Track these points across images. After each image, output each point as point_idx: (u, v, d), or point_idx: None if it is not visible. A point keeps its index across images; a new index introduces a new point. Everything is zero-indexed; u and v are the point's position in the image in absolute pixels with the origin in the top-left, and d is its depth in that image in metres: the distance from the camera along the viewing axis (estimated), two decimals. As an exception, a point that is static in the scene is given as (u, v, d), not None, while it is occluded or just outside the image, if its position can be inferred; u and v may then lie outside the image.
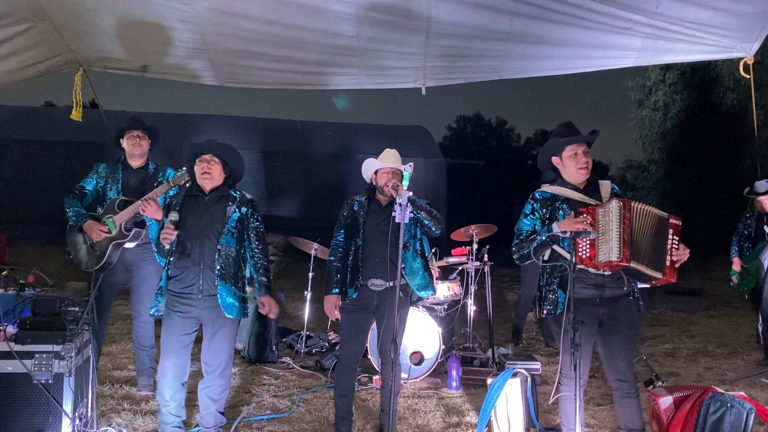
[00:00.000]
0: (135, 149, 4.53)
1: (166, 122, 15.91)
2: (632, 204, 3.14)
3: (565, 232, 3.15)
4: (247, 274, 3.77)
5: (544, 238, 3.25)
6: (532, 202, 3.43)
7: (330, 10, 4.89)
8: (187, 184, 4.00)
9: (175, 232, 3.48)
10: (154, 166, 4.66)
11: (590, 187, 3.38)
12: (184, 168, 4.05)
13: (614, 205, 3.12)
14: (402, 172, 3.90)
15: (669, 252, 3.12)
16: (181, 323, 3.56)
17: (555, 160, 3.43)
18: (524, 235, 3.40)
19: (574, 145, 3.35)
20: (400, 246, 3.48)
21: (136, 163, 4.59)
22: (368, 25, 5.04)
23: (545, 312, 3.36)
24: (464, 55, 5.47)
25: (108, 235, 4.35)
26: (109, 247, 4.36)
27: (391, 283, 3.80)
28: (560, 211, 3.31)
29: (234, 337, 3.71)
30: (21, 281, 3.80)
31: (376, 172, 3.93)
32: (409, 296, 3.98)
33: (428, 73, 5.63)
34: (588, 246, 3.16)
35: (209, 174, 3.61)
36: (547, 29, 4.99)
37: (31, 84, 5.64)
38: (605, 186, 3.41)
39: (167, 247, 3.51)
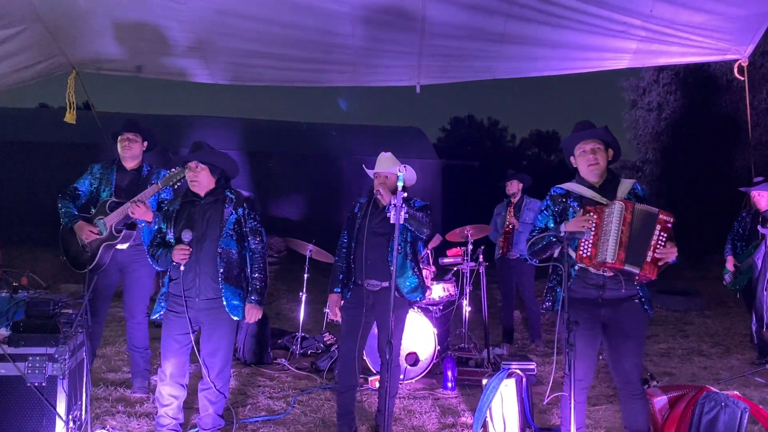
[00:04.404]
0: (125, 152, 4.54)
1: (161, 124, 15.89)
2: (636, 206, 3.11)
3: (571, 233, 3.14)
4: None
5: (552, 238, 3.23)
6: (547, 198, 3.42)
7: (325, 9, 4.89)
8: (176, 186, 3.97)
9: (189, 250, 3.48)
10: (149, 168, 4.65)
11: (607, 186, 3.30)
12: (179, 167, 4.04)
13: (617, 206, 3.10)
14: (397, 176, 3.93)
15: (652, 248, 3.06)
16: (179, 324, 3.55)
17: (572, 160, 3.40)
18: (536, 231, 3.38)
19: (582, 142, 3.30)
20: (395, 247, 3.49)
21: (129, 164, 4.58)
22: (363, 24, 5.05)
23: (545, 307, 3.37)
24: (459, 55, 5.47)
25: (98, 237, 4.34)
26: (100, 249, 4.35)
27: (386, 284, 3.84)
28: (570, 209, 3.30)
29: (232, 339, 3.71)
30: (14, 284, 3.78)
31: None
32: (404, 297, 4.00)
33: (423, 71, 5.64)
34: (590, 245, 3.14)
35: (197, 181, 3.62)
36: (541, 31, 5.00)
37: (25, 86, 5.63)
38: (625, 185, 3.31)
39: (183, 268, 3.50)
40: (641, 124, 17.36)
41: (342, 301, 3.99)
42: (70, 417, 3.26)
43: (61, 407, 3.18)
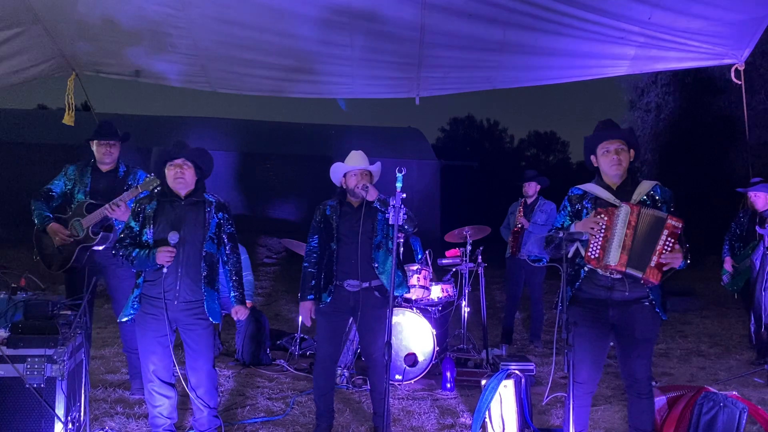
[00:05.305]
0: (105, 157, 4.51)
1: (160, 125, 15.88)
2: (642, 210, 3.12)
3: (570, 234, 3.16)
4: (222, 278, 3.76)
5: (561, 236, 3.22)
6: (566, 198, 3.45)
7: (324, 19, 4.88)
8: (156, 190, 3.94)
9: (175, 252, 3.46)
10: (125, 168, 4.62)
11: (625, 188, 3.30)
12: (153, 174, 3.96)
13: (623, 210, 3.13)
14: (370, 173, 3.95)
15: (657, 252, 3.07)
16: (156, 325, 3.51)
17: (593, 158, 3.40)
18: (554, 230, 3.40)
19: (606, 142, 3.30)
20: (395, 247, 3.51)
21: (105, 166, 4.55)
22: (362, 35, 5.04)
23: (555, 305, 3.38)
24: (458, 65, 5.46)
25: (75, 238, 4.32)
26: (77, 250, 4.33)
27: (366, 284, 3.84)
28: (584, 210, 3.32)
29: (212, 338, 3.70)
30: (13, 285, 3.77)
31: (345, 176, 3.95)
32: (387, 296, 3.99)
33: (422, 83, 5.62)
34: (599, 247, 3.15)
35: (183, 179, 3.55)
36: (541, 39, 5.00)
37: (24, 87, 5.63)
38: (643, 187, 3.30)
39: (165, 270, 3.46)
40: (639, 125, 17.39)
41: (320, 306, 3.90)
42: (69, 418, 3.25)
43: (59, 409, 3.18)
